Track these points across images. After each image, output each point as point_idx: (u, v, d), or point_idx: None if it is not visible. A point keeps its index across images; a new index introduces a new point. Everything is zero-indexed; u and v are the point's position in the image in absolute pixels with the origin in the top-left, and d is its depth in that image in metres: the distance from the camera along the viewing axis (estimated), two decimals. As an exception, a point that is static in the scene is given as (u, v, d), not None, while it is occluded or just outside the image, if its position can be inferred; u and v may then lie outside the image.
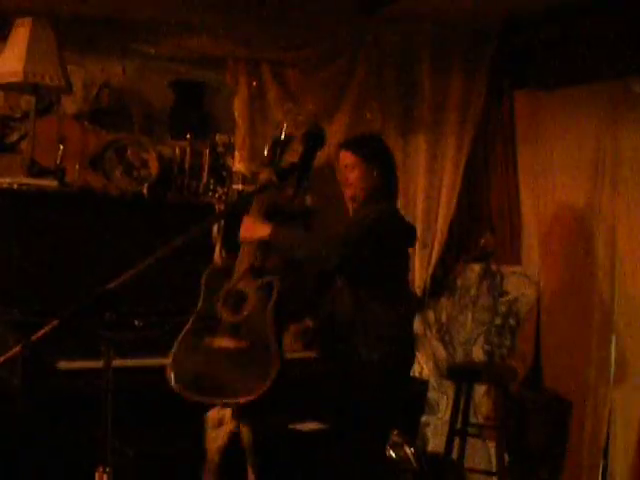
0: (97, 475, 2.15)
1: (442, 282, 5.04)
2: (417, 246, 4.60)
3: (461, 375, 4.56)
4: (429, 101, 4.90)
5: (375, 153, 3.68)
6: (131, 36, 4.55)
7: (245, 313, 3.22)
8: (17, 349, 2.19)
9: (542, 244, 5.03)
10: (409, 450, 4.18)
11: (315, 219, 3.89)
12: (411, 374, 4.00)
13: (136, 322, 1.90)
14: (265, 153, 3.51)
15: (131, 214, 4.16)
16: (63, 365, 3.47)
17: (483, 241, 5.06)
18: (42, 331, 1.93)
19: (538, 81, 5.03)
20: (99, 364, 2.18)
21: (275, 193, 3.40)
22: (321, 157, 4.33)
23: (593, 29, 4.55)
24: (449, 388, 4.91)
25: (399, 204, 3.85)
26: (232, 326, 3.20)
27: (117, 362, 2.25)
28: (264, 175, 3.32)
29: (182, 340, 3.22)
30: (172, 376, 3.13)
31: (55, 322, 1.91)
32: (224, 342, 3.17)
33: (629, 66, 4.57)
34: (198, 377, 3.13)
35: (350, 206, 3.76)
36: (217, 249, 4.28)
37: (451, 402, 4.64)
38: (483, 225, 5.18)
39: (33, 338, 1.94)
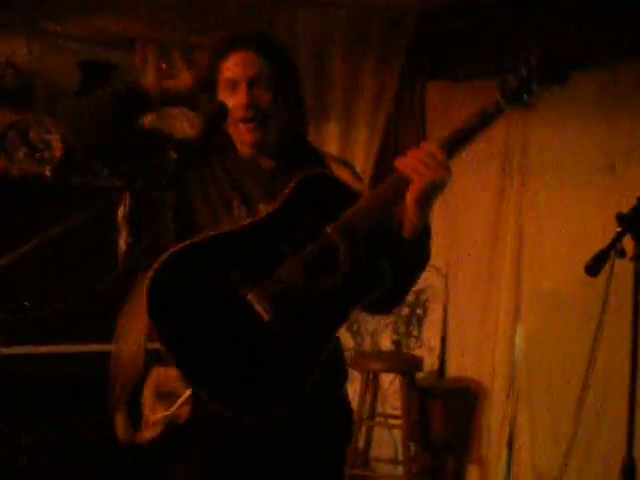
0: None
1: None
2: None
3: (368, 365, 4.55)
4: (341, 88, 4.88)
5: (290, 58, 2.30)
6: (37, 14, 4.42)
7: None
8: None
9: (450, 236, 5.06)
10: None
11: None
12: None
13: (26, 303, 1.82)
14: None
15: (33, 196, 4.05)
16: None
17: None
18: None
19: (450, 72, 5.06)
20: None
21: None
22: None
23: (506, 22, 4.59)
24: (356, 377, 4.91)
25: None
26: None
27: (11, 349, 2.17)
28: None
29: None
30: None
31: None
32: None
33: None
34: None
35: (249, 154, 2.27)
36: (123, 235, 4.19)
37: (358, 391, 4.63)
38: (393, 216, 5.18)
39: None
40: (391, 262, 2.08)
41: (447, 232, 5.07)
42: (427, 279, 5.04)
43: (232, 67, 2.17)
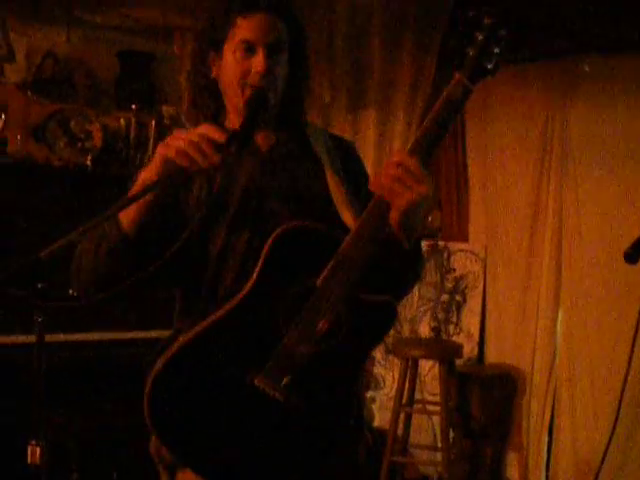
0: (29, 449, 2.12)
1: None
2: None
3: (407, 351, 4.56)
4: (379, 76, 4.86)
5: (302, 24, 2.15)
6: (76, 4, 4.46)
7: None
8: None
9: (489, 221, 5.04)
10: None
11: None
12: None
13: (70, 291, 1.85)
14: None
15: (74, 186, 4.09)
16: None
17: (430, 218, 5.07)
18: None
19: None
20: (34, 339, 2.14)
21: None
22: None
23: (543, 7, 4.55)
24: (395, 364, 4.92)
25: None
26: None
27: (58, 337, 2.21)
28: None
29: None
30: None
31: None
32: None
33: (579, 45, 4.58)
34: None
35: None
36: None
37: (397, 378, 4.63)
38: (431, 202, 5.18)
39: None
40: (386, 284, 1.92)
41: (486, 218, 5.06)
42: (466, 266, 5.03)
43: (252, 28, 1.96)
